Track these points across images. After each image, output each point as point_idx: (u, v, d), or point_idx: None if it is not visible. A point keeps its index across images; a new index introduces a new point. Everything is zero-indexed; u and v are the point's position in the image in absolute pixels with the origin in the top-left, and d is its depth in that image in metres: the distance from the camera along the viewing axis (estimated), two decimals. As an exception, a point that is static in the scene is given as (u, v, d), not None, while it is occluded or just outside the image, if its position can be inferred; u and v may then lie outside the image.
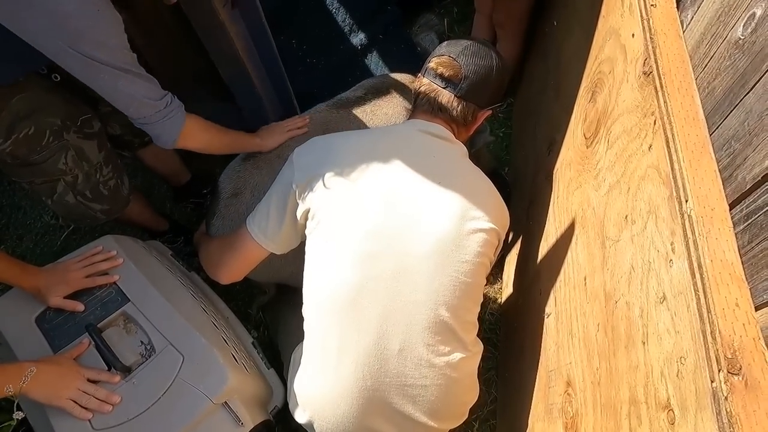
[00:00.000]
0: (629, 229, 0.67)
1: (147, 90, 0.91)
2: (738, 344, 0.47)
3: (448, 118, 0.96)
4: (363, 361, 0.84)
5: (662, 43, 0.68)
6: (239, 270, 1.04)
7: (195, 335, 1.02)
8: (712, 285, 0.50)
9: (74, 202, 1.17)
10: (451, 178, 0.89)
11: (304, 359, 0.92)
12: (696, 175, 0.57)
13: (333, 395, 0.87)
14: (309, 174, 0.90)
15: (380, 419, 0.88)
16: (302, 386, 0.92)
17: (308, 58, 1.85)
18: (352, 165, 0.88)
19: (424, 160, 0.90)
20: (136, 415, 0.91)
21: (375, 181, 0.87)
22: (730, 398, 0.44)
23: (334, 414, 0.88)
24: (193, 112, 1.59)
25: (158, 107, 0.94)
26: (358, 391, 0.85)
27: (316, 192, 0.88)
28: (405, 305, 0.84)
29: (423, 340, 0.84)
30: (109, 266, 1.10)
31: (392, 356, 0.84)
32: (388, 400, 0.86)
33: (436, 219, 0.85)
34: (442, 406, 0.88)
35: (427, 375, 0.85)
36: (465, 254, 0.86)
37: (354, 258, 0.85)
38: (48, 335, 1.01)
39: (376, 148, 0.91)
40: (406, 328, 0.84)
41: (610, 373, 0.68)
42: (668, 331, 0.54)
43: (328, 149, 0.93)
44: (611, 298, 0.70)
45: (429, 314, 0.84)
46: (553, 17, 1.29)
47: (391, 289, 0.84)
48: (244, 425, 0.98)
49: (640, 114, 0.68)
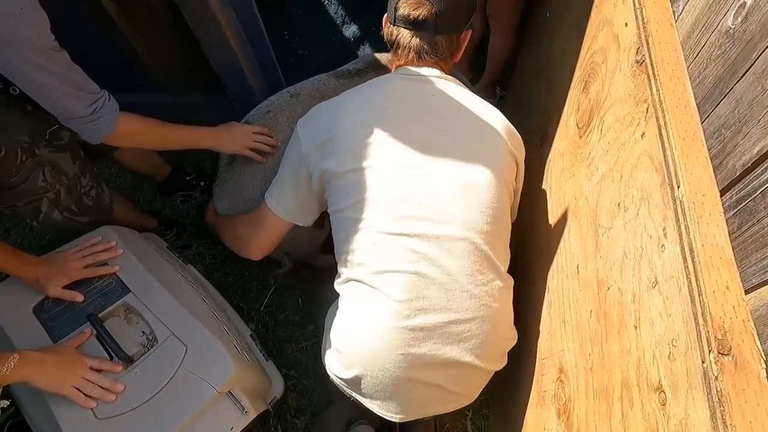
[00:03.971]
0: (622, 216, 0.68)
1: (75, 91, 0.87)
2: (728, 326, 0.47)
3: (435, 58, 0.94)
4: (405, 299, 0.83)
5: (655, 32, 0.68)
6: (268, 244, 1.05)
7: (197, 326, 1.02)
8: (704, 269, 0.51)
9: (61, 219, 1.14)
10: (457, 114, 0.89)
11: (345, 315, 0.90)
12: (688, 161, 0.58)
13: (378, 342, 0.85)
14: (316, 142, 0.90)
15: (426, 369, 0.86)
16: (343, 339, 0.90)
17: (300, 50, 1.84)
18: (359, 126, 0.88)
19: (427, 105, 0.90)
20: (140, 404, 0.91)
21: (387, 140, 0.86)
22: (720, 378, 0.45)
23: (381, 363, 0.85)
24: (184, 104, 1.58)
25: (84, 113, 0.90)
26: (403, 333, 0.83)
27: (328, 159, 0.88)
28: (440, 241, 0.83)
29: (462, 270, 0.84)
30: (109, 257, 1.09)
31: (434, 292, 0.83)
32: (433, 344, 0.84)
33: (453, 157, 0.86)
34: (486, 342, 0.88)
35: (470, 307, 0.85)
36: (487, 181, 0.86)
37: (388, 219, 0.84)
38: (47, 325, 1.00)
39: (378, 105, 0.90)
40: (446, 261, 0.83)
41: (603, 359, 0.69)
42: (660, 315, 0.55)
43: (331, 114, 0.92)
44: (604, 284, 0.71)
45: (465, 243, 0.84)
46: (546, 9, 1.30)
47: (426, 231, 0.83)
48: (248, 413, 0.99)
49: (633, 102, 0.68)
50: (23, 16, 0.73)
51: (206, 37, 1.22)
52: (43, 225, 1.15)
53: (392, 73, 0.97)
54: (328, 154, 0.88)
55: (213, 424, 0.96)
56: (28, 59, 0.77)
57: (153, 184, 1.69)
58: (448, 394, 0.91)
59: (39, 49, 0.77)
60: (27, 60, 0.77)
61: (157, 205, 1.68)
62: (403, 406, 0.91)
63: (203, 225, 1.64)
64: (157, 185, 1.67)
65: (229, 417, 0.98)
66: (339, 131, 0.88)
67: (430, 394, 0.90)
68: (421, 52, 0.92)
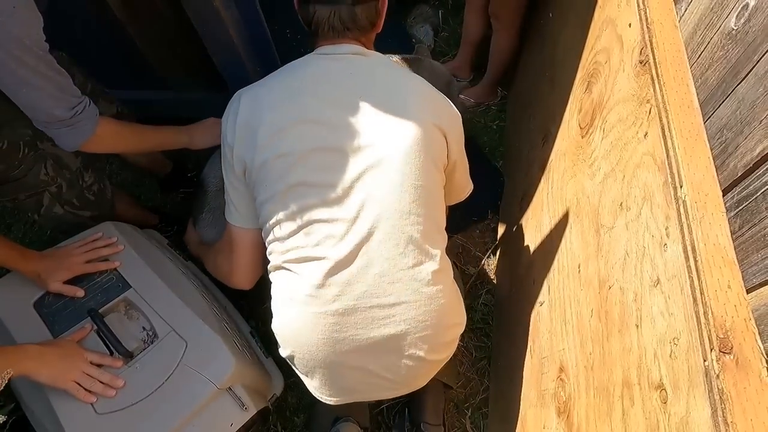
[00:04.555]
0: (624, 215, 0.68)
1: (57, 93, 0.86)
2: (730, 325, 0.48)
3: (356, 33, 0.90)
4: (324, 285, 0.82)
5: (659, 32, 0.69)
6: (251, 264, 1.00)
7: (198, 322, 1.02)
8: (705, 268, 0.51)
9: (62, 212, 1.15)
10: (376, 92, 0.85)
11: (275, 300, 0.91)
12: (690, 161, 0.58)
13: (301, 326, 0.85)
14: (236, 135, 0.87)
15: (351, 353, 0.85)
16: (276, 322, 0.91)
17: (302, 47, 1.83)
18: (276, 114, 0.85)
19: (345, 85, 0.86)
20: (140, 399, 0.91)
21: (304, 125, 0.83)
22: (721, 376, 0.45)
23: (307, 345, 0.86)
24: (185, 101, 1.58)
25: (63, 116, 0.88)
26: (324, 318, 0.83)
27: (248, 151, 0.86)
28: (359, 225, 0.82)
29: (383, 254, 0.82)
30: (110, 252, 1.09)
31: (355, 277, 0.82)
32: (356, 329, 0.84)
33: (371, 137, 0.83)
34: (419, 328, 0.85)
35: (393, 292, 0.83)
36: (407, 159, 0.83)
37: (305, 207, 0.83)
38: (47, 320, 1.00)
39: (296, 89, 0.87)
40: (367, 246, 0.82)
41: (603, 357, 0.69)
42: (662, 314, 0.55)
43: (251, 105, 0.88)
44: (605, 284, 0.72)
45: (385, 226, 0.82)
46: (549, 9, 1.30)
47: (344, 216, 0.82)
48: (247, 410, 1.00)
49: (636, 103, 0.69)
50: (15, 15, 0.73)
51: (209, 35, 1.22)
52: (45, 218, 1.15)
53: (313, 53, 0.92)
54: (248, 146, 0.86)
55: (213, 420, 0.96)
56: (14, 57, 0.76)
57: (155, 181, 1.70)
58: (380, 379, 0.90)
59: (27, 49, 0.77)
60: (14, 58, 0.76)
61: (158, 202, 1.68)
62: (335, 389, 0.92)
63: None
64: (159, 181, 1.67)
65: (229, 413, 0.98)
66: (256, 121, 0.85)
67: (359, 378, 0.90)
68: (341, 28, 0.88)
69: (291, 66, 0.92)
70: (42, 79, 0.82)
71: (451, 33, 2.05)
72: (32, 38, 0.77)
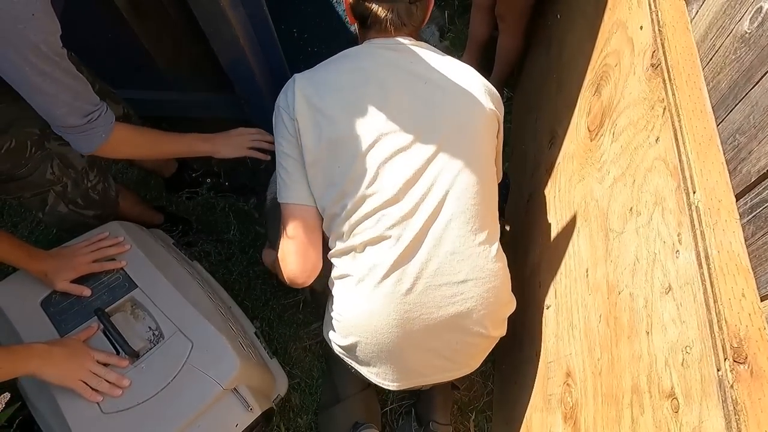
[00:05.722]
0: (634, 220, 0.67)
1: (72, 101, 0.85)
2: (744, 334, 0.47)
3: (411, 28, 0.93)
4: (395, 267, 0.84)
5: (671, 35, 0.68)
6: (309, 247, 0.92)
7: (204, 322, 1.02)
8: (719, 275, 0.50)
9: (67, 211, 1.15)
10: (439, 79, 0.89)
11: (340, 285, 0.91)
12: (703, 167, 0.57)
13: (371, 309, 0.86)
14: (305, 103, 0.88)
15: (420, 334, 0.87)
16: (340, 308, 0.91)
17: (309, 47, 1.84)
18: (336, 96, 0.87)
19: (411, 73, 0.89)
20: (146, 399, 0.92)
21: (374, 113, 0.86)
22: (735, 386, 0.45)
23: (375, 329, 0.87)
24: (191, 101, 1.57)
25: (76, 123, 0.88)
26: (395, 299, 0.85)
27: (311, 138, 0.87)
28: (429, 205, 0.84)
29: (454, 235, 0.84)
30: (117, 252, 1.09)
31: (430, 257, 0.84)
32: (425, 308, 0.85)
33: (442, 123, 0.86)
34: (482, 306, 0.88)
35: (462, 269, 0.85)
36: (476, 144, 0.88)
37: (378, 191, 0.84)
38: (54, 319, 1.00)
39: (363, 78, 0.89)
40: (436, 226, 0.84)
41: (612, 363, 0.68)
42: (673, 321, 0.54)
43: (310, 85, 0.90)
44: (614, 289, 0.71)
45: (456, 207, 0.85)
46: (556, 10, 1.29)
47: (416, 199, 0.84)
48: (252, 410, 0.99)
49: (647, 106, 0.68)
50: (33, 22, 0.73)
51: (216, 35, 1.22)
52: (49, 217, 1.15)
53: (368, 44, 0.94)
54: (315, 124, 0.87)
55: (218, 421, 0.96)
56: (31, 63, 0.76)
57: (159, 181, 1.69)
58: (443, 360, 0.92)
59: (44, 56, 0.77)
60: (30, 64, 0.76)
61: (163, 202, 1.68)
62: (400, 373, 0.93)
63: (209, 222, 1.64)
64: (164, 181, 1.67)
65: (234, 414, 0.98)
66: (322, 101, 0.87)
67: (424, 360, 0.91)
68: (399, 23, 0.91)
69: (349, 55, 0.94)
70: (57, 86, 0.81)
71: (457, 34, 2.04)
72: (49, 45, 0.77)
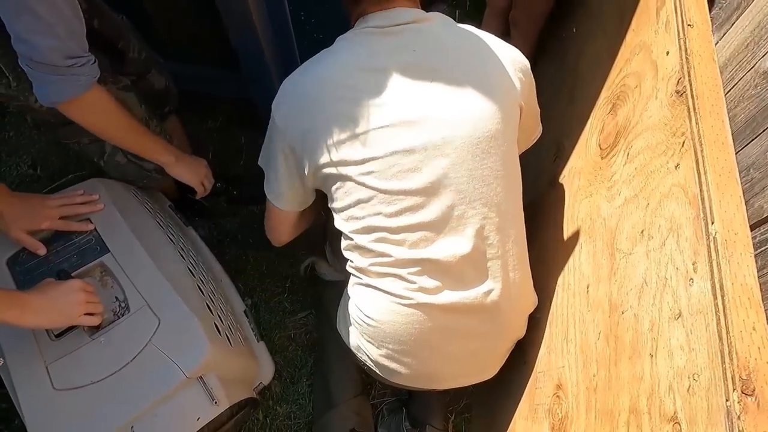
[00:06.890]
0: (645, 243, 0.68)
1: (60, 35, 0.75)
2: (753, 366, 0.48)
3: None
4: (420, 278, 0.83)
5: (697, 64, 0.68)
6: (283, 233, 1.05)
7: (176, 298, 0.94)
8: (732, 308, 0.52)
9: (125, 161, 1.10)
10: (452, 61, 0.79)
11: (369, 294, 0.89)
12: (722, 198, 0.58)
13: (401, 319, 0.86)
14: (296, 129, 0.81)
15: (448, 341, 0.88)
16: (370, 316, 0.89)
17: (316, 33, 1.79)
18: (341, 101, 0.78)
19: (413, 59, 0.78)
20: (100, 379, 0.85)
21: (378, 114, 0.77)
22: (742, 417, 0.46)
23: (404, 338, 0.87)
24: (194, 76, 1.52)
25: (58, 63, 0.77)
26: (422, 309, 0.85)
27: (316, 153, 0.80)
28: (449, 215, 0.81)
29: (477, 244, 0.83)
30: (87, 210, 1.02)
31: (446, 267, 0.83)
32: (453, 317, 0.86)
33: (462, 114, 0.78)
34: (508, 311, 0.89)
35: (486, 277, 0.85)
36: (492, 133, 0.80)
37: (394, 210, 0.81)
38: (17, 278, 0.94)
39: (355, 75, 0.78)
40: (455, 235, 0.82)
41: (610, 381, 0.70)
42: (681, 348, 0.55)
43: (304, 94, 0.81)
44: (617, 308, 0.72)
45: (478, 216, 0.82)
46: (573, 23, 1.29)
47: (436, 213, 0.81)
48: (218, 404, 0.91)
49: (669, 132, 0.69)
50: None
51: (228, 9, 1.18)
52: (108, 166, 1.11)
53: (362, 30, 0.81)
54: (315, 147, 0.79)
55: (179, 411, 0.87)
56: None
57: None
58: (471, 367, 0.96)
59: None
60: None
61: None
62: (420, 380, 0.95)
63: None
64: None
65: (197, 406, 0.89)
66: (320, 121, 0.78)
67: (447, 366, 0.93)
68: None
69: (340, 49, 0.83)
70: (57, 16, 0.73)
71: (465, 34, 2.03)
72: None
